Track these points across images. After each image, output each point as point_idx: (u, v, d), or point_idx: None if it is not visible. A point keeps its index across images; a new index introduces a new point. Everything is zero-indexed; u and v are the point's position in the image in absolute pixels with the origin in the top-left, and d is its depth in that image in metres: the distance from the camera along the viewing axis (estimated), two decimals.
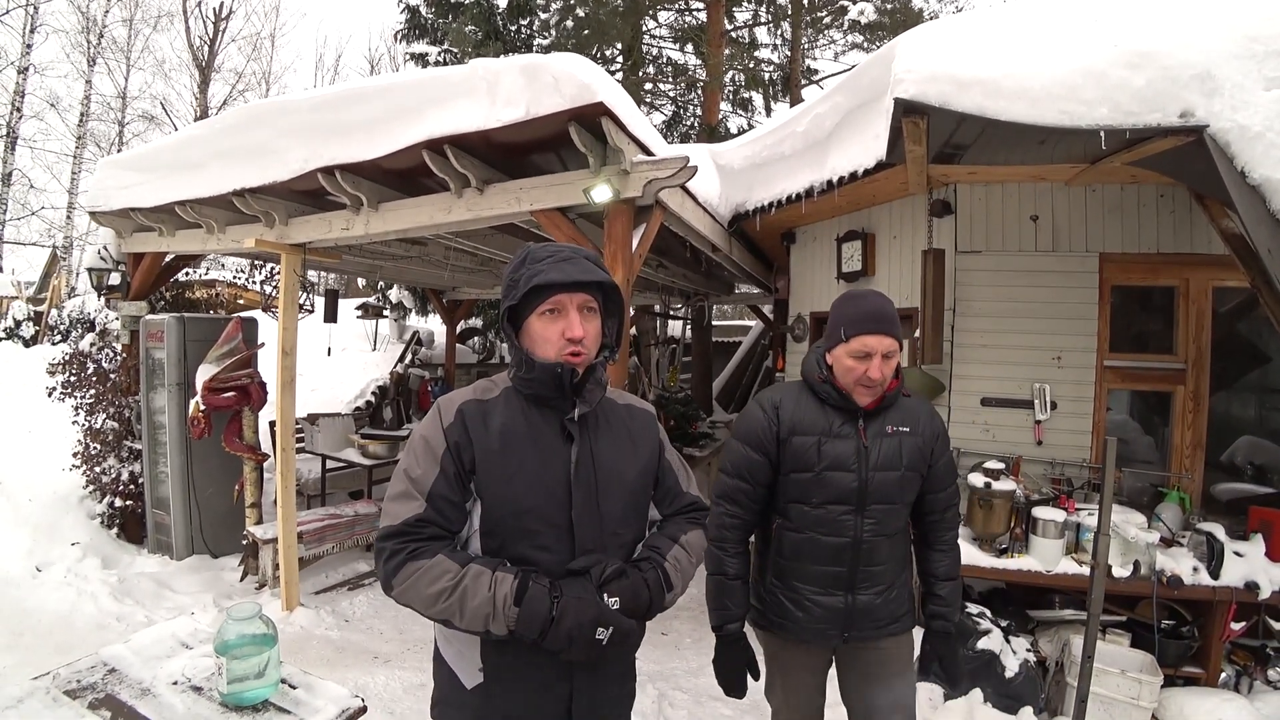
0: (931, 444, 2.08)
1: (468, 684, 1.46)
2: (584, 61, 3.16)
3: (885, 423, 2.04)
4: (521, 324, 1.48)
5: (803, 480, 2.03)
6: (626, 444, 1.57)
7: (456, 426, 1.44)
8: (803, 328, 5.57)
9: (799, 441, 2.03)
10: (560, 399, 1.47)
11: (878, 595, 2.07)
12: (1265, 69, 2.61)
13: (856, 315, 1.98)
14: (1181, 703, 3.13)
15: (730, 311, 19.16)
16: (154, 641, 2.03)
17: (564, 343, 1.44)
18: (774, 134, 4.89)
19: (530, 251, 1.49)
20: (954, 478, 2.19)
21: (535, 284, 1.41)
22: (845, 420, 2.03)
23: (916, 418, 2.08)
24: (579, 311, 1.46)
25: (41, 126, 17.77)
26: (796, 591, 2.08)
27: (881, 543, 2.04)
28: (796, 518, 2.06)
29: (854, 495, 2.00)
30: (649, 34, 12.60)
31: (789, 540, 2.09)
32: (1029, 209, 3.98)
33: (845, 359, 1.98)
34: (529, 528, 1.42)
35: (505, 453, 1.43)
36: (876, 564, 2.05)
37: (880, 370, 1.94)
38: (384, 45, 25.93)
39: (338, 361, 10.88)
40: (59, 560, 4.78)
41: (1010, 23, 3.16)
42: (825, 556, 2.04)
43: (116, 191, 5.17)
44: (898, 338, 1.97)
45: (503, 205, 3.65)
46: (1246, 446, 4.08)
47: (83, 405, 5.77)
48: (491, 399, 1.50)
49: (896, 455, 2.02)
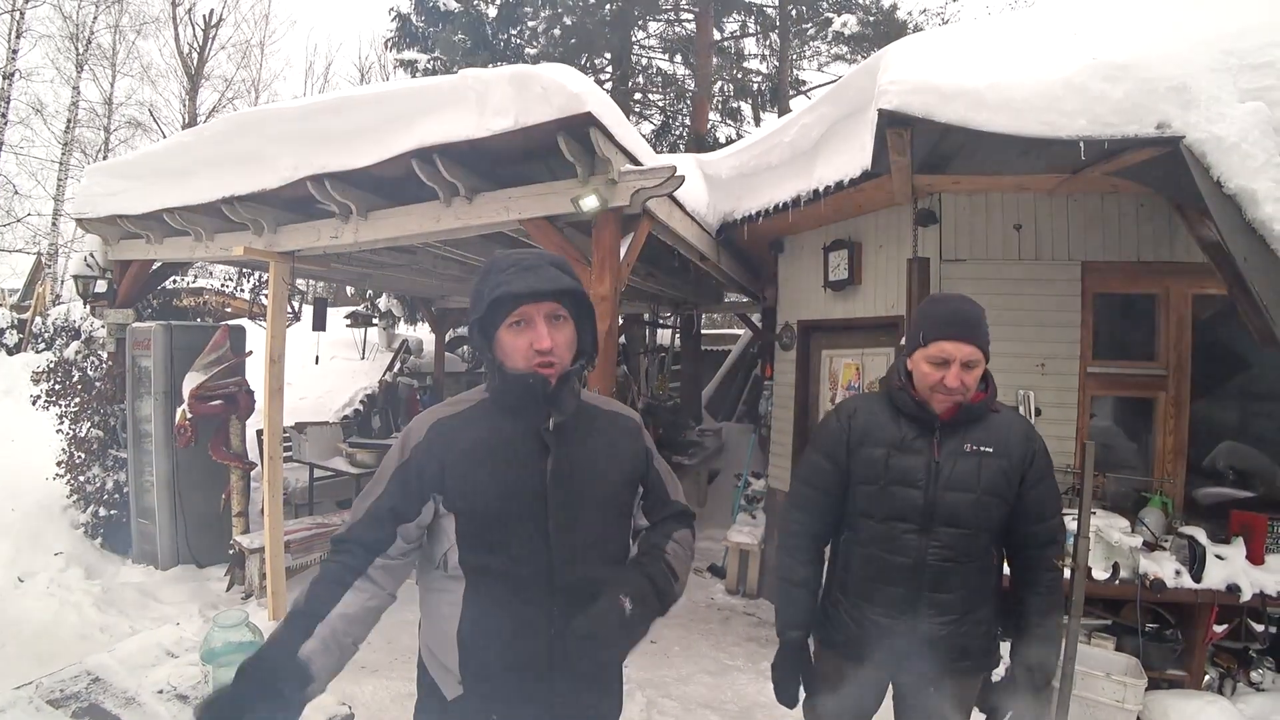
0: (1022, 469, 1.89)
1: (448, 696, 1.45)
2: (573, 72, 3.19)
3: (965, 440, 1.89)
4: (493, 336, 1.47)
5: (869, 492, 1.94)
6: (609, 452, 1.55)
7: (423, 446, 1.44)
8: (790, 336, 5.61)
9: (868, 452, 1.95)
10: (534, 409, 1.46)
11: (944, 626, 1.89)
12: (1240, 82, 2.68)
13: (937, 319, 1.88)
14: (1166, 705, 3.16)
15: (719, 320, 19.22)
16: (139, 650, 2.02)
17: (533, 354, 1.42)
18: (761, 144, 4.93)
19: (494, 262, 1.47)
20: (1056, 510, 1.98)
21: (497, 296, 1.40)
22: (920, 434, 1.91)
23: (1005, 438, 1.90)
24: (546, 321, 1.43)
25: (27, 133, 17.62)
26: (857, 609, 1.97)
27: (952, 569, 1.88)
28: (863, 531, 1.97)
29: (919, 514, 1.87)
30: (638, 44, 12.69)
31: (854, 555, 2.00)
32: (1012, 218, 4.03)
33: (923, 365, 1.88)
34: (505, 539, 1.41)
35: (478, 465, 1.43)
36: (946, 591, 1.89)
37: (959, 379, 1.82)
38: (374, 53, 25.84)
39: (326, 370, 10.82)
40: (42, 570, 4.73)
41: (993, 36, 3.23)
42: (886, 575, 1.92)
43: (104, 198, 5.15)
44: (981, 345, 1.85)
45: (491, 214, 3.66)
46: (1227, 451, 4.13)
47: (67, 413, 5.72)
48: (465, 411, 1.50)
49: (974, 476, 1.86)
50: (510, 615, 1.41)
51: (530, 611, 1.41)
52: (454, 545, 1.43)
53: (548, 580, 1.41)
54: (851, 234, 4.84)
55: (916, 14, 12.44)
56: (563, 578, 1.41)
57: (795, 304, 5.60)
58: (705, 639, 4.44)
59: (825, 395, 5.19)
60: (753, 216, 5.01)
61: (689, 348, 11.17)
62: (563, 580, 1.41)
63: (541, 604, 1.41)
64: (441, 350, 10.00)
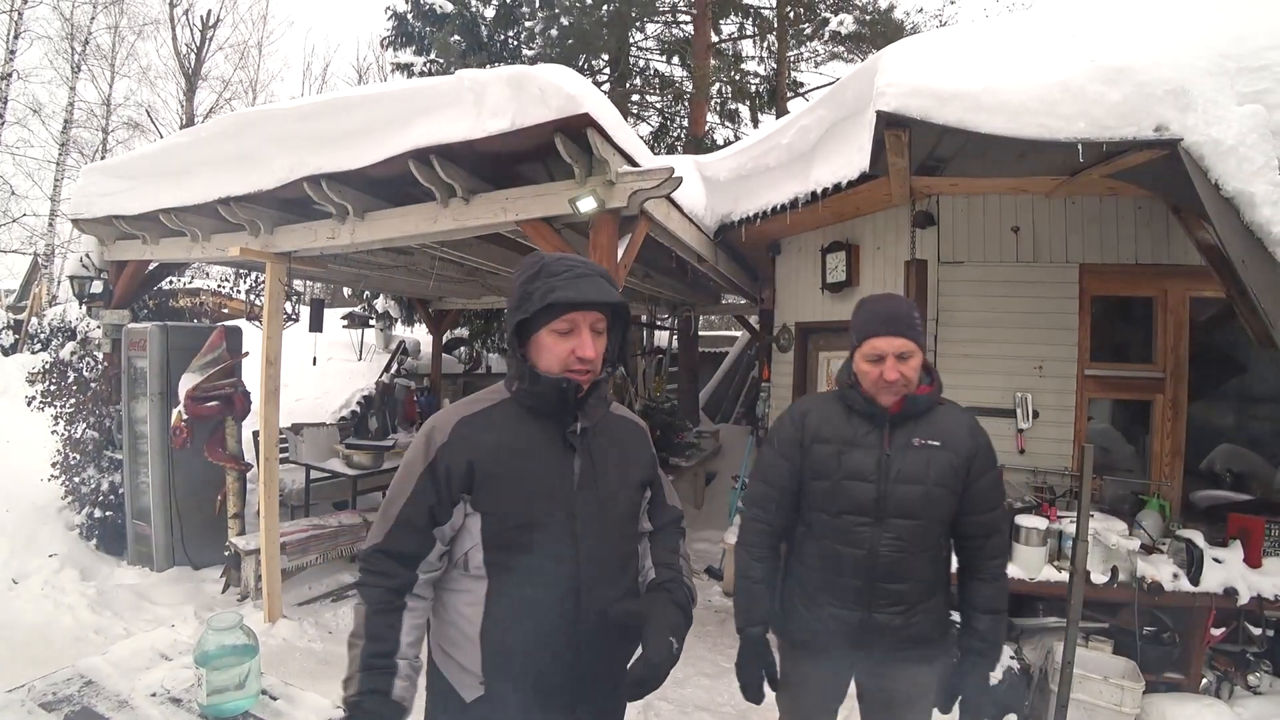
0: (969, 461, 1.95)
1: (467, 698, 1.45)
2: (570, 73, 3.18)
3: (913, 434, 1.96)
4: (530, 336, 1.47)
5: (822, 488, 2.00)
6: (624, 457, 1.59)
7: (451, 446, 1.43)
8: (788, 338, 5.60)
9: (821, 449, 2.01)
10: (562, 412, 1.48)
11: (898, 615, 1.95)
12: (1238, 85, 2.68)
13: (867, 318, 1.97)
14: (1164, 708, 3.15)
15: (717, 321, 19.23)
16: (132, 653, 2.00)
17: (572, 359, 1.44)
18: (759, 146, 4.93)
19: (545, 264, 1.47)
20: (999, 501, 2.05)
21: (553, 300, 1.40)
22: (871, 429, 1.98)
23: (952, 431, 1.97)
24: (590, 330, 1.46)
25: (24, 133, 17.56)
26: (814, 601, 2.04)
27: (904, 560, 1.94)
28: (817, 526, 2.03)
29: (872, 507, 1.94)
30: (636, 46, 12.69)
31: (809, 549, 2.06)
32: (1010, 220, 4.03)
33: (862, 364, 1.97)
34: (532, 540, 1.42)
35: (507, 466, 1.43)
36: (898, 582, 1.95)
37: (896, 371, 1.90)
38: (372, 54, 25.88)
39: (323, 371, 10.78)
40: (36, 572, 4.71)
41: (991, 38, 3.22)
42: (841, 568, 1.98)
43: (100, 199, 5.13)
44: (910, 337, 1.92)
45: (488, 215, 3.66)
46: (1225, 454, 4.14)
47: (62, 414, 5.70)
48: (488, 410, 1.50)
49: (923, 469, 1.93)
50: (537, 615, 1.43)
51: (556, 611, 1.43)
52: (478, 545, 1.44)
53: (573, 580, 1.44)
54: (849, 236, 4.84)
55: (914, 14, 12.47)
56: (587, 577, 1.44)
57: (793, 306, 5.59)
58: (702, 641, 4.43)
59: None
60: (750, 218, 5.01)
61: (686, 349, 11.18)
62: (588, 580, 1.44)
63: (567, 604, 1.43)
64: (439, 351, 9.99)
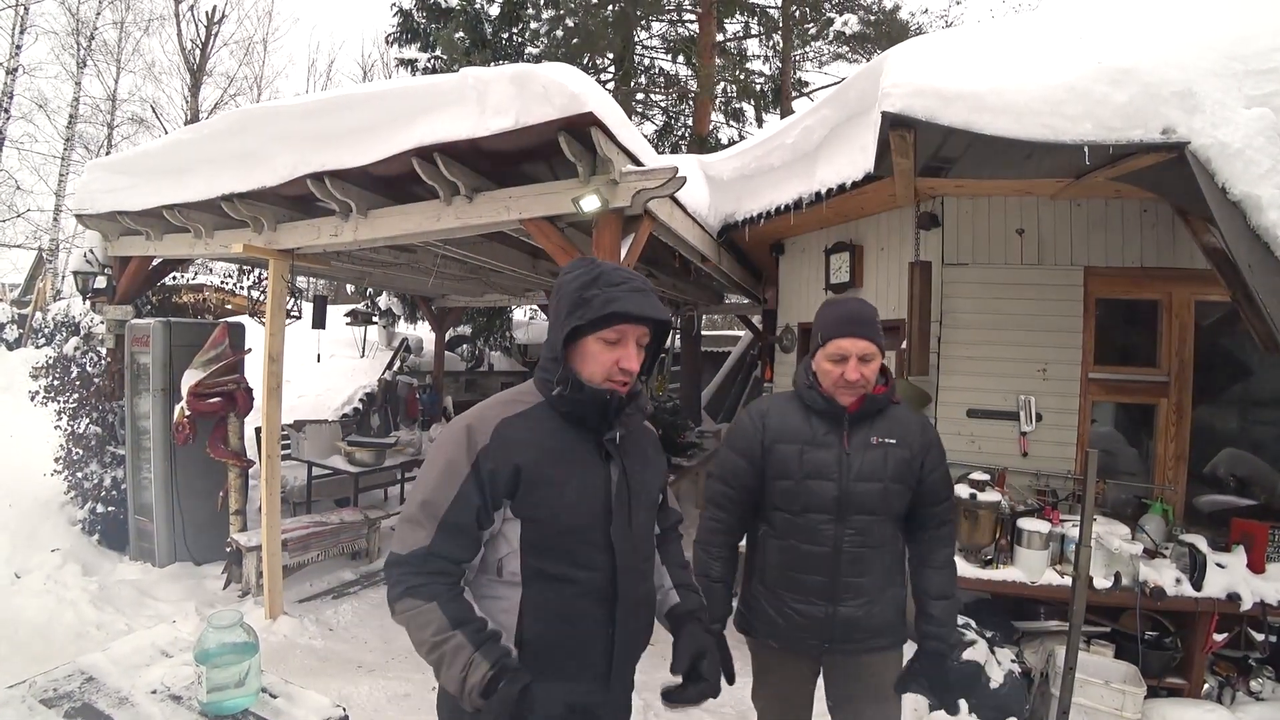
0: (921, 457, 2.05)
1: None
2: (574, 71, 3.17)
3: (871, 433, 2.03)
4: (576, 340, 1.47)
5: (785, 487, 2.05)
6: (651, 463, 1.64)
7: (493, 450, 1.41)
8: (791, 338, 5.60)
9: (782, 449, 2.05)
10: (601, 422, 1.49)
11: (860, 607, 2.03)
12: (1245, 87, 2.66)
13: (832, 319, 2.03)
14: (1165, 713, 3.14)
15: (720, 321, 19.21)
16: (133, 650, 2.00)
17: (615, 370, 1.46)
18: (763, 145, 4.92)
19: (604, 272, 1.48)
20: (948, 493, 2.14)
21: (613, 310, 1.42)
22: (830, 429, 2.04)
23: (906, 429, 2.06)
24: (635, 344, 1.48)
25: (29, 128, 17.61)
26: (779, 599, 2.09)
27: (865, 554, 2.02)
28: (779, 525, 2.08)
29: (834, 504, 2.00)
30: (640, 45, 12.68)
31: (772, 547, 2.11)
32: (1015, 222, 4.02)
33: (824, 363, 2.02)
34: (571, 546, 1.44)
35: (549, 473, 1.43)
36: (860, 575, 2.02)
37: (858, 371, 1.96)
38: (377, 51, 25.90)
39: (326, 368, 10.80)
40: (38, 567, 4.71)
41: (996, 39, 3.21)
42: (806, 565, 2.04)
43: (103, 194, 5.13)
44: (873, 340, 1.99)
45: (492, 214, 3.65)
46: (1228, 459, 4.12)
47: (65, 410, 5.71)
48: (526, 413, 1.49)
49: (881, 467, 2.00)
50: (574, 620, 1.44)
51: (592, 615, 1.45)
52: (515, 551, 1.44)
53: (610, 585, 1.46)
54: (853, 236, 4.83)
55: (919, 15, 12.45)
56: (621, 584, 1.47)
57: (796, 306, 5.58)
58: None
59: None
60: (754, 218, 5.00)
61: (689, 349, 11.17)
62: (621, 587, 1.47)
63: (603, 607, 1.46)
64: (441, 349, 10.00)
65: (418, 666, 3.99)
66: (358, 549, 5.58)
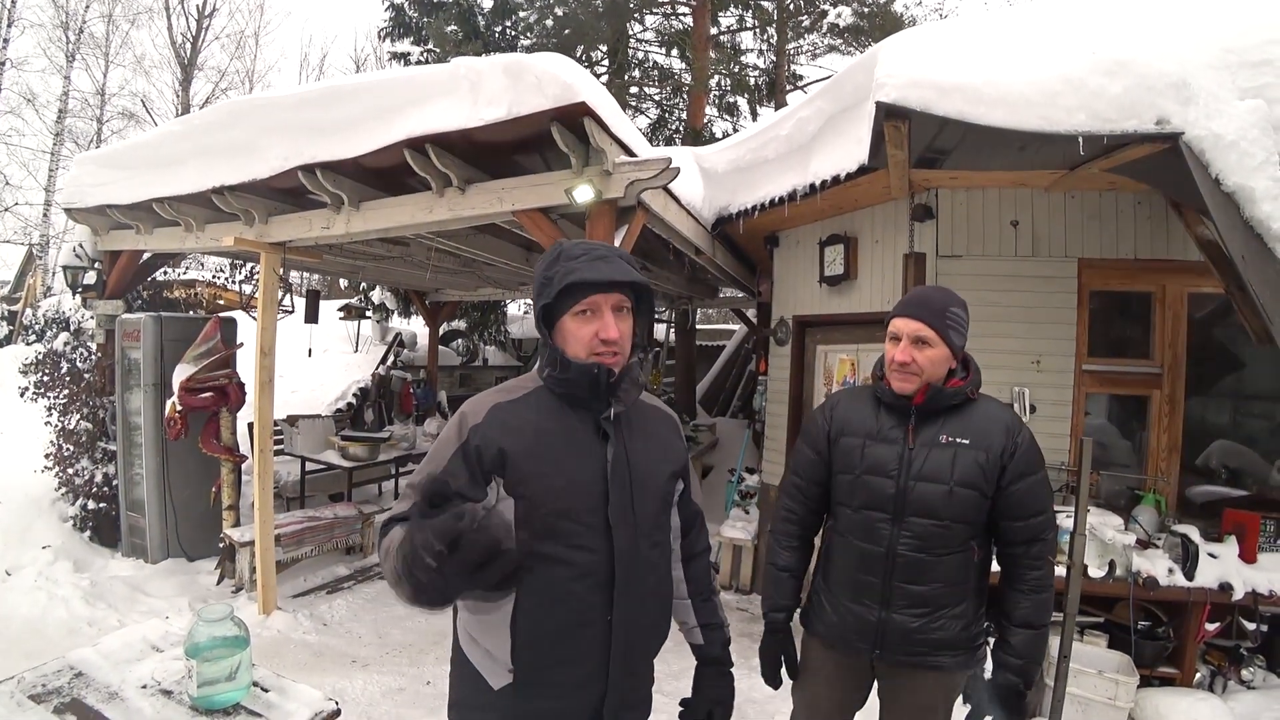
0: (1002, 462, 1.84)
1: (495, 685, 1.44)
2: (567, 62, 3.15)
3: (941, 431, 1.88)
4: (555, 323, 1.47)
5: (846, 481, 1.99)
6: (658, 445, 1.59)
7: (484, 427, 1.42)
8: (785, 331, 5.59)
9: (846, 442, 2.00)
10: (595, 399, 1.46)
11: (916, 618, 1.88)
12: (1239, 79, 2.66)
13: (899, 302, 1.99)
14: (1157, 703, 3.16)
15: (714, 315, 19.20)
16: (123, 645, 1.98)
17: (597, 343, 1.43)
18: (757, 137, 4.90)
19: (564, 249, 1.47)
20: (1040, 507, 1.89)
21: (569, 282, 1.39)
22: (897, 424, 1.93)
23: (985, 430, 1.87)
24: (613, 312, 1.45)
25: (17, 123, 17.45)
26: (836, 597, 2.02)
27: (925, 560, 1.86)
28: (842, 520, 2.02)
29: (891, 503, 1.89)
30: (634, 38, 12.63)
31: (836, 543, 2.05)
32: (1009, 214, 4.01)
33: (887, 345, 1.96)
34: (565, 527, 1.41)
35: (541, 452, 1.42)
36: (918, 583, 1.87)
37: (908, 353, 1.87)
38: (369, 45, 25.75)
39: (319, 363, 10.78)
40: (30, 564, 4.69)
41: (991, 30, 3.20)
42: (861, 564, 1.94)
43: (93, 188, 5.09)
44: (928, 322, 1.86)
45: (485, 205, 3.63)
46: (1221, 450, 4.13)
47: (56, 406, 5.66)
48: (522, 398, 1.49)
49: (946, 467, 1.84)
50: (569, 604, 1.41)
51: (587, 602, 1.42)
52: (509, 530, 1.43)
53: (606, 568, 1.43)
54: (847, 229, 4.82)
55: (913, 7, 12.42)
56: (620, 569, 1.43)
57: (790, 299, 5.57)
58: None
59: (820, 391, 5.17)
60: (748, 210, 4.98)
61: (683, 342, 11.16)
62: (620, 571, 1.43)
63: (600, 592, 1.42)
64: (435, 343, 9.97)
65: (412, 661, 3.99)
66: (352, 544, 5.57)
